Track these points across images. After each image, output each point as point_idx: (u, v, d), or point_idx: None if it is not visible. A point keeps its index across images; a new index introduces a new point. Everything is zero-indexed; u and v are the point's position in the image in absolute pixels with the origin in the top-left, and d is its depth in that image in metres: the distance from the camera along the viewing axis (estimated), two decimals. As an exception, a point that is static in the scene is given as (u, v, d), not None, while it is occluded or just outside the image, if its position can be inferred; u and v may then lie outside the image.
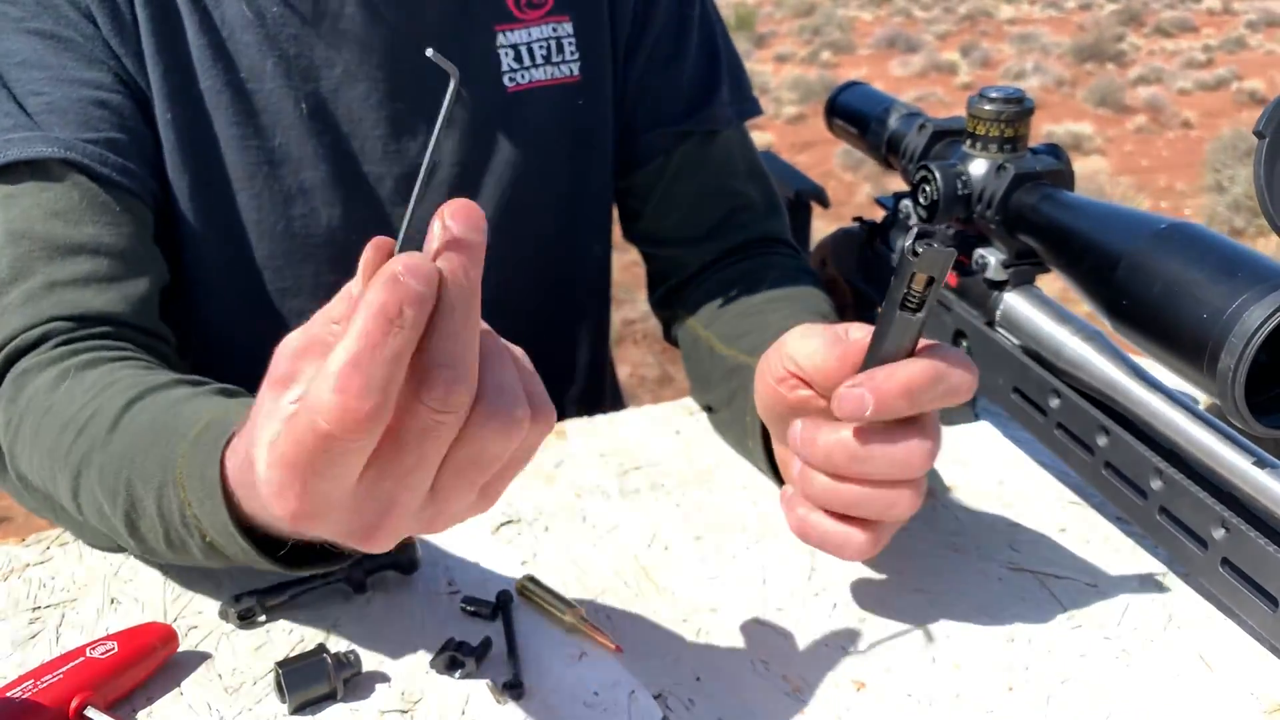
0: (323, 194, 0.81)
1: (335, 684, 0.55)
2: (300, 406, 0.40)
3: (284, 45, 0.79)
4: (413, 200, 0.43)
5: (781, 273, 0.89)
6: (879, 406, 0.54)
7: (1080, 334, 0.69)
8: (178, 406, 0.60)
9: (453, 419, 0.41)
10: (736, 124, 0.95)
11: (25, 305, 0.70)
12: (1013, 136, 0.74)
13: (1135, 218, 0.65)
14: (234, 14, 0.78)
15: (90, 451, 0.61)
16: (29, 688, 0.52)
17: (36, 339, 0.69)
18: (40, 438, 0.64)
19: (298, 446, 0.40)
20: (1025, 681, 0.57)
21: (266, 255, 0.82)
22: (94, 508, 0.61)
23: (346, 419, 0.38)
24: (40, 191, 0.72)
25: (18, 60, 0.73)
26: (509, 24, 0.86)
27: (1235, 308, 0.55)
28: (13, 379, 0.68)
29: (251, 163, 0.79)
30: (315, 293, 0.83)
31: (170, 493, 0.56)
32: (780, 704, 0.56)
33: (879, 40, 11.35)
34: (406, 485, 0.42)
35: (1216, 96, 9.12)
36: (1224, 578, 0.58)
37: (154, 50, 0.76)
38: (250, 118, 0.79)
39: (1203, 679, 0.57)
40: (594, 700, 0.56)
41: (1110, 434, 0.66)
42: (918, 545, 0.69)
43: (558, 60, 0.87)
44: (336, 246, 0.83)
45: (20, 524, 2.65)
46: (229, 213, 0.80)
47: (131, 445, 0.59)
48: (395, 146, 0.83)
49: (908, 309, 0.54)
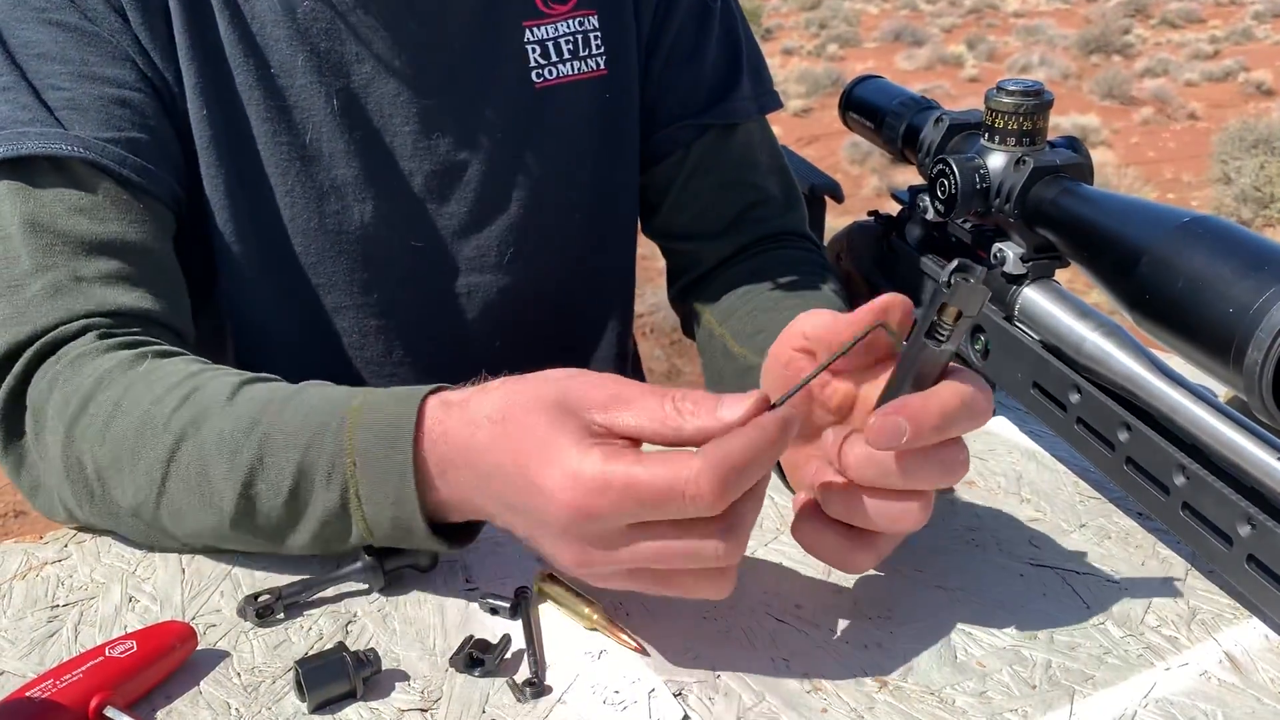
0: (354, 190, 0.81)
1: (355, 682, 0.55)
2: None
3: (315, 40, 0.79)
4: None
5: (798, 269, 0.89)
6: (914, 435, 0.54)
7: (1100, 329, 0.69)
8: (303, 385, 0.64)
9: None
10: (757, 117, 0.95)
11: (55, 298, 0.69)
12: (1031, 130, 0.74)
13: (1157, 211, 0.64)
14: (265, 8, 0.77)
15: (201, 416, 0.62)
16: (48, 687, 0.52)
17: (78, 331, 0.69)
18: (123, 411, 0.63)
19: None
20: (1050, 679, 0.57)
21: (301, 251, 0.82)
22: (194, 473, 0.61)
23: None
24: (62, 187, 0.71)
25: (38, 52, 0.72)
26: (536, 19, 0.85)
27: (1262, 302, 0.55)
28: (69, 362, 0.67)
29: (284, 159, 0.79)
30: (349, 289, 0.83)
31: (325, 442, 0.59)
32: (802, 702, 0.55)
33: (885, 33, 11.32)
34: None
35: (1223, 88, 9.09)
36: (1249, 574, 0.58)
37: (186, 45, 0.75)
38: (282, 114, 0.79)
39: (1228, 676, 0.57)
40: (614, 698, 0.56)
41: (1132, 429, 0.65)
42: (938, 541, 0.68)
43: (584, 55, 0.87)
44: (369, 243, 0.83)
45: (34, 519, 2.65)
46: (265, 208, 0.80)
47: (264, 408, 0.61)
48: (425, 143, 0.83)
49: (935, 339, 0.53)
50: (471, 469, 0.56)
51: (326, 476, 0.59)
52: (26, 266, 0.70)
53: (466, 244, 0.86)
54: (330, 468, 0.59)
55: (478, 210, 0.85)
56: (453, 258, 0.86)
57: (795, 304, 0.83)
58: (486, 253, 0.86)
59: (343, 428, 0.59)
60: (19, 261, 0.70)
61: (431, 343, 0.87)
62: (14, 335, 0.68)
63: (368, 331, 0.85)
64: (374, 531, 0.60)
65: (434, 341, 0.88)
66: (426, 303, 0.86)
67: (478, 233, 0.86)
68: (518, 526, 0.56)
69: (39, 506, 0.70)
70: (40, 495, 0.69)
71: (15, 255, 0.70)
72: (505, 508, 0.56)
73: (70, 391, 0.65)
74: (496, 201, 0.86)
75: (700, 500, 0.49)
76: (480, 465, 0.56)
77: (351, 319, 0.84)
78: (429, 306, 0.87)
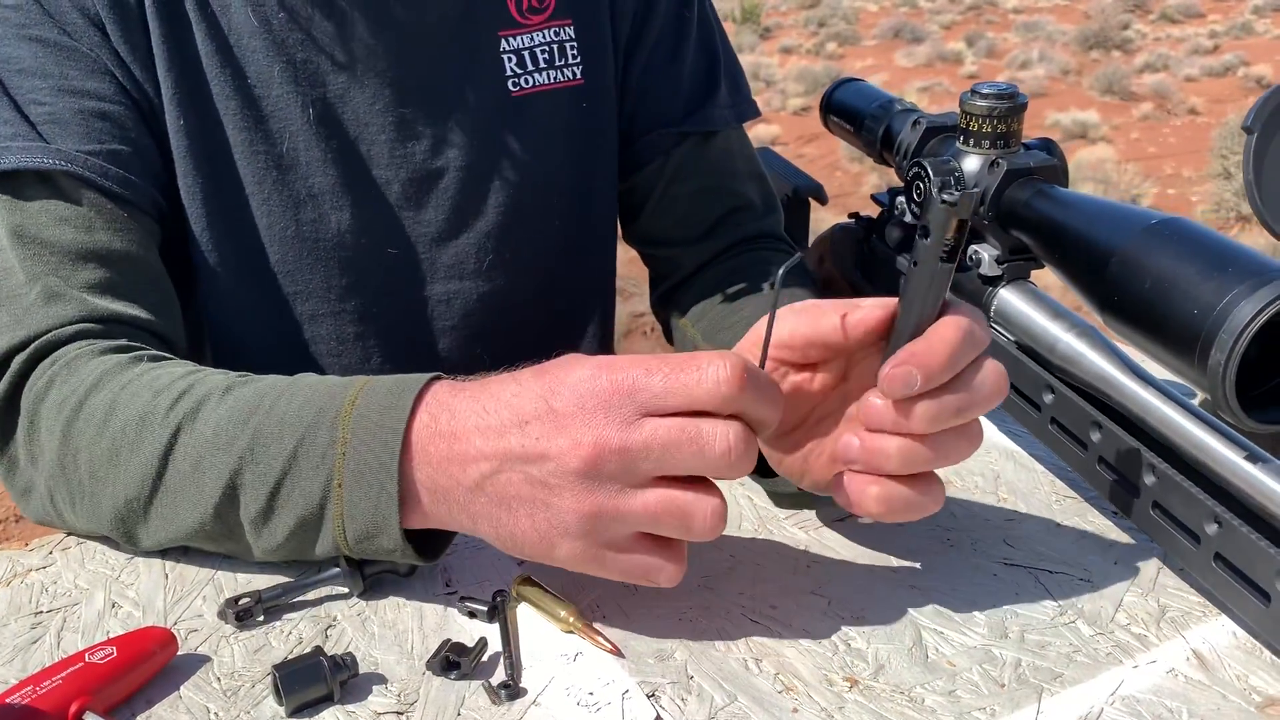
0: (331, 199, 0.82)
1: (332, 686, 0.56)
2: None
3: (290, 50, 0.79)
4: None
5: (771, 268, 0.90)
6: (926, 379, 0.55)
7: (1074, 330, 0.69)
8: (296, 379, 0.65)
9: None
10: (735, 125, 0.95)
11: (49, 304, 0.70)
12: (1005, 132, 0.74)
13: (1127, 213, 0.65)
14: (241, 19, 0.78)
15: (199, 408, 0.63)
16: (28, 693, 0.52)
17: (71, 336, 0.70)
18: (122, 407, 0.64)
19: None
20: (1018, 677, 0.58)
21: (278, 259, 0.82)
22: (189, 464, 0.62)
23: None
24: (46, 199, 0.72)
25: (19, 68, 0.73)
26: (512, 29, 0.86)
27: (1225, 303, 0.55)
28: (65, 364, 0.68)
29: (260, 167, 0.80)
30: (327, 296, 0.84)
31: (320, 435, 0.60)
32: (773, 702, 0.56)
33: (884, 31, 11.32)
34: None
35: (1223, 83, 9.08)
36: (1217, 572, 0.59)
37: (164, 56, 0.76)
38: (259, 123, 0.79)
39: (1196, 674, 0.58)
40: (588, 700, 0.56)
41: (1103, 429, 0.66)
42: (912, 541, 0.69)
43: (560, 64, 0.88)
44: (346, 250, 0.83)
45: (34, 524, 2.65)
46: (241, 217, 0.81)
47: (258, 400, 0.62)
48: (401, 151, 0.83)
49: (946, 260, 0.54)
50: (477, 413, 0.57)
51: (320, 459, 0.60)
52: (20, 277, 0.71)
53: (444, 251, 0.87)
54: (323, 456, 0.59)
55: (455, 218, 0.86)
56: (430, 265, 0.87)
57: (759, 301, 0.84)
58: (464, 260, 0.87)
59: (338, 417, 0.60)
60: (14, 273, 0.71)
61: (410, 350, 0.88)
62: (9, 340, 0.70)
63: (345, 339, 0.86)
64: (347, 524, 0.60)
65: (412, 349, 0.88)
66: (405, 310, 0.87)
67: (455, 240, 0.87)
68: (514, 486, 0.56)
69: (29, 512, 0.71)
70: (32, 499, 0.70)
71: (9, 267, 0.71)
72: (511, 459, 0.56)
73: (68, 391, 0.66)
74: (474, 209, 0.87)
75: (720, 375, 0.52)
76: (493, 398, 0.57)
77: (329, 326, 0.85)
78: (407, 314, 0.87)
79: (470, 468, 0.57)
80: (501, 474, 0.56)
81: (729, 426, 0.53)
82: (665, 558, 0.57)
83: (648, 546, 0.56)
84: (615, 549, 0.56)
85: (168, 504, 0.63)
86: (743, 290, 0.87)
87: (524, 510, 0.56)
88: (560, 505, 0.55)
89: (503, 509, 0.57)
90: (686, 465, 0.54)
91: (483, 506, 0.57)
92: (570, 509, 0.55)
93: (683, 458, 0.53)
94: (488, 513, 0.57)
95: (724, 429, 0.53)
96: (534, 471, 0.55)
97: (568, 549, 0.56)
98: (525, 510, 0.56)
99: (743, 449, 0.53)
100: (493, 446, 0.56)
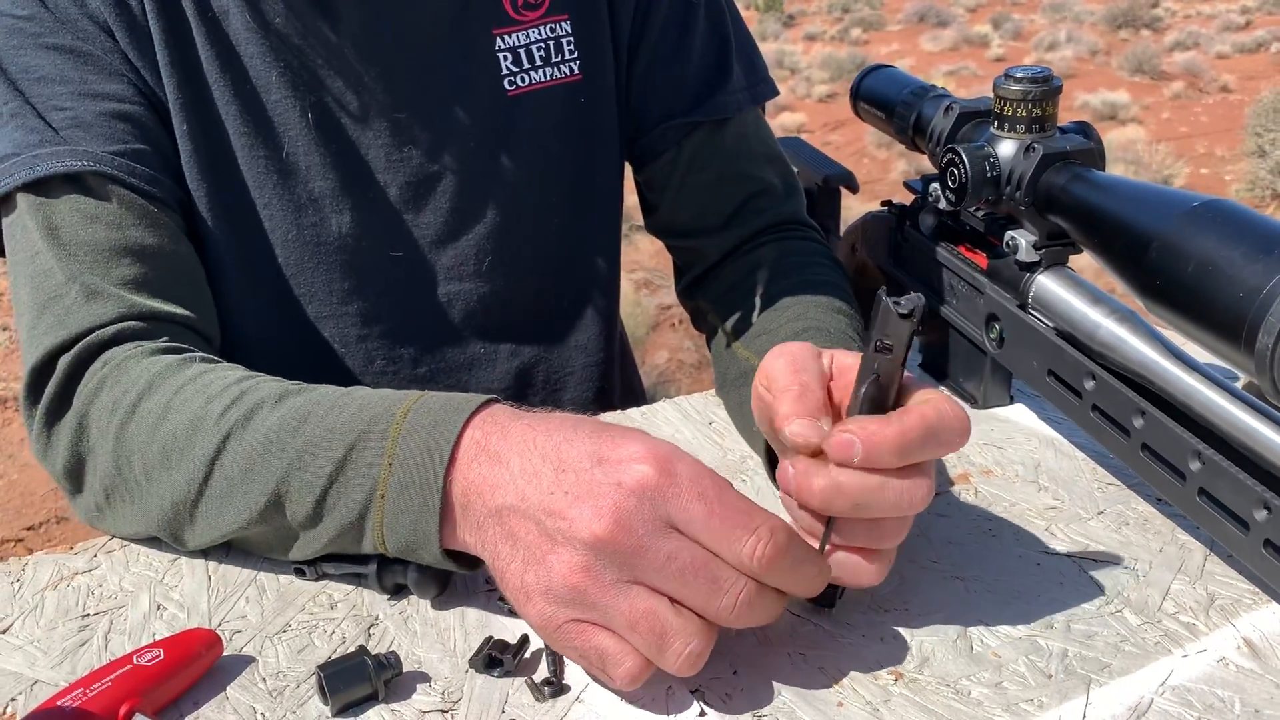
0: (331, 202, 0.82)
1: (377, 685, 0.56)
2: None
3: (288, 56, 0.80)
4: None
5: (799, 259, 0.89)
6: (868, 455, 0.54)
7: (1114, 315, 0.69)
8: (350, 390, 0.64)
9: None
10: (750, 108, 0.94)
11: (89, 303, 0.71)
12: (1040, 116, 0.73)
13: (1167, 196, 0.64)
14: (240, 26, 0.79)
15: (250, 416, 0.63)
16: (79, 696, 0.53)
17: (114, 335, 0.71)
18: (175, 410, 0.65)
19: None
20: (1066, 668, 0.57)
21: (281, 263, 0.83)
22: (238, 470, 0.62)
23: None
24: (78, 200, 0.73)
25: (38, 76, 0.74)
26: (507, 27, 0.86)
27: (1273, 286, 0.55)
28: (115, 365, 0.69)
29: (262, 172, 0.81)
30: (329, 299, 0.85)
31: (369, 446, 0.59)
32: (818, 696, 0.56)
33: (909, 15, 11.23)
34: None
35: (1256, 59, 8.95)
36: (1267, 559, 0.58)
37: (168, 62, 0.77)
38: (259, 128, 0.80)
39: (1248, 663, 0.57)
40: (631, 695, 0.56)
41: (1147, 415, 0.65)
42: (954, 532, 0.68)
43: (557, 60, 0.87)
44: (347, 253, 0.84)
45: (75, 525, 2.69)
46: (245, 221, 0.81)
47: (310, 409, 0.62)
48: (398, 154, 0.84)
49: (881, 352, 0.55)
50: (526, 445, 0.56)
51: (366, 468, 0.59)
52: (60, 278, 0.72)
53: (444, 253, 0.87)
54: (370, 466, 0.59)
55: (454, 219, 0.86)
56: (431, 267, 0.87)
57: (790, 305, 0.83)
58: (465, 261, 0.87)
59: (389, 429, 0.59)
60: (53, 274, 0.72)
61: (413, 352, 0.88)
62: (55, 339, 0.71)
63: (349, 341, 0.86)
64: (387, 536, 0.59)
65: (416, 350, 0.88)
66: (407, 312, 0.87)
67: (455, 241, 0.87)
68: (524, 529, 0.55)
69: (78, 507, 0.72)
70: (81, 499, 0.71)
71: (49, 269, 0.72)
72: (531, 502, 0.54)
73: (120, 394, 0.67)
74: (472, 210, 0.87)
75: (757, 552, 0.52)
76: (546, 435, 0.56)
77: (333, 329, 0.85)
78: (410, 316, 0.87)
79: (499, 493, 0.56)
80: (519, 511, 0.55)
81: (746, 585, 0.52)
82: (628, 655, 0.53)
83: (615, 636, 0.54)
84: (580, 630, 0.54)
85: (214, 508, 0.64)
86: (779, 289, 0.86)
87: (521, 555, 0.55)
88: (553, 564, 0.53)
89: (506, 544, 0.56)
90: (689, 597, 0.52)
91: (491, 534, 0.56)
92: (560, 572, 0.53)
93: (690, 589, 0.52)
94: (493, 542, 0.56)
95: (740, 585, 0.52)
96: (547, 524, 0.54)
97: (539, 609, 0.54)
98: (522, 555, 0.55)
99: (746, 610, 0.52)
100: (523, 484, 0.55)
